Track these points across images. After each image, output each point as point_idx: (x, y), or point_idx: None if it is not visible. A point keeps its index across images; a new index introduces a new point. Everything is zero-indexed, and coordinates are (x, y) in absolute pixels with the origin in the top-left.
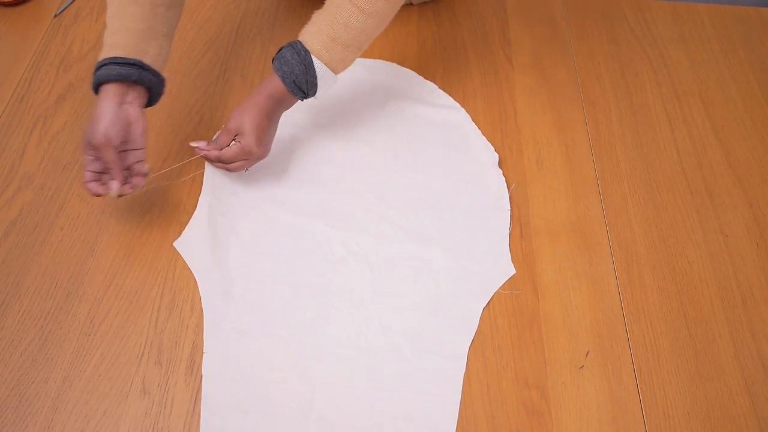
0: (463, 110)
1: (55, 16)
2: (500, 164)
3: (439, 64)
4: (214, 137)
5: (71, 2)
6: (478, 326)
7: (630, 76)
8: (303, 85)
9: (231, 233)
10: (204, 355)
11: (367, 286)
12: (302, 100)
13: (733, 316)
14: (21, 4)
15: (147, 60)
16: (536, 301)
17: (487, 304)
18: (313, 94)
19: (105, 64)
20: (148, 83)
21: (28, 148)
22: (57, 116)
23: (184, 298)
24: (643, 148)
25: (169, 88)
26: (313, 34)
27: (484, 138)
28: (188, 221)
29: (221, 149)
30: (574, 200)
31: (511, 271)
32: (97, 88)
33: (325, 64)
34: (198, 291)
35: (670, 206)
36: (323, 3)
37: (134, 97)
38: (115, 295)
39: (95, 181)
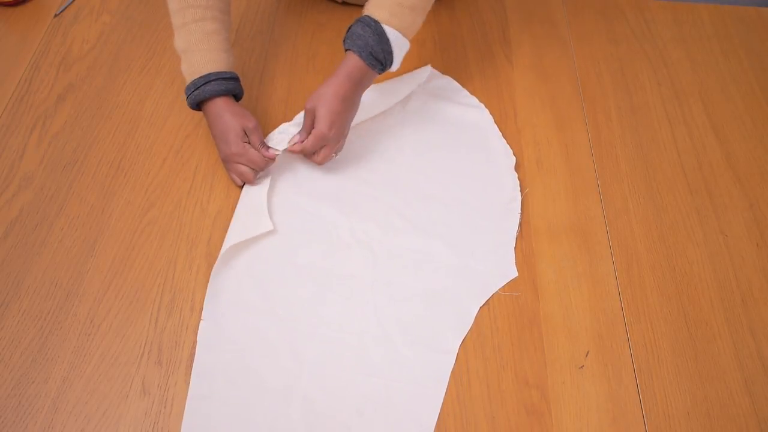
0: (486, 111)
1: (55, 16)
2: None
3: (438, 65)
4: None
5: (71, 2)
6: (479, 326)
7: (630, 76)
8: (380, 55)
9: (243, 207)
10: (201, 322)
11: (367, 274)
12: (380, 73)
13: (733, 316)
14: (21, 4)
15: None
16: (536, 301)
17: (487, 304)
18: (391, 63)
19: (214, 80)
20: (241, 93)
21: (28, 148)
22: (57, 116)
23: (184, 298)
24: (643, 148)
25: (172, 87)
26: (378, 5)
27: (503, 140)
28: (188, 221)
29: (304, 140)
30: (574, 200)
31: (513, 273)
32: (203, 100)
33: (396, 30)
34: (198, 292)
35: (670, 206)
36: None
37: None
38: (115, 295)
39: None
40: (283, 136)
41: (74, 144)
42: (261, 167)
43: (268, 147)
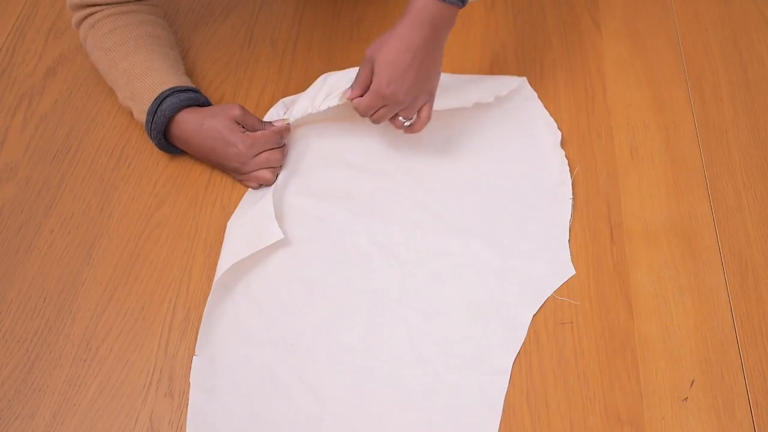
0: (522, 77)
1: None
2: (563, 144)
3: (511, 30)
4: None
5: None
6: (560, 350)
7: (744, 45)
8: None
9: (238, 219)
10: (194, 358)
11: (394, 286)
12: (461, 5)
13: None
14: None
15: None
16: (630, 319)
17: (571, 323)
18: None
19: (169, 94)
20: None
21: (11, 132)
22: (46, 94)
23: (200, 315)
24: (760, 133)
25: (183, 62)
26: None
27: (545, 111)
28: (206, 222)
29: (363, 89)
30: (676, 196)
31: (570, 271)
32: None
33: None
34: None
35: None
36: None
37: None
38: (117, 312)
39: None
40: (281, 109)
41: (66, 128)
42: (278, 143)
43: (271, 122)
